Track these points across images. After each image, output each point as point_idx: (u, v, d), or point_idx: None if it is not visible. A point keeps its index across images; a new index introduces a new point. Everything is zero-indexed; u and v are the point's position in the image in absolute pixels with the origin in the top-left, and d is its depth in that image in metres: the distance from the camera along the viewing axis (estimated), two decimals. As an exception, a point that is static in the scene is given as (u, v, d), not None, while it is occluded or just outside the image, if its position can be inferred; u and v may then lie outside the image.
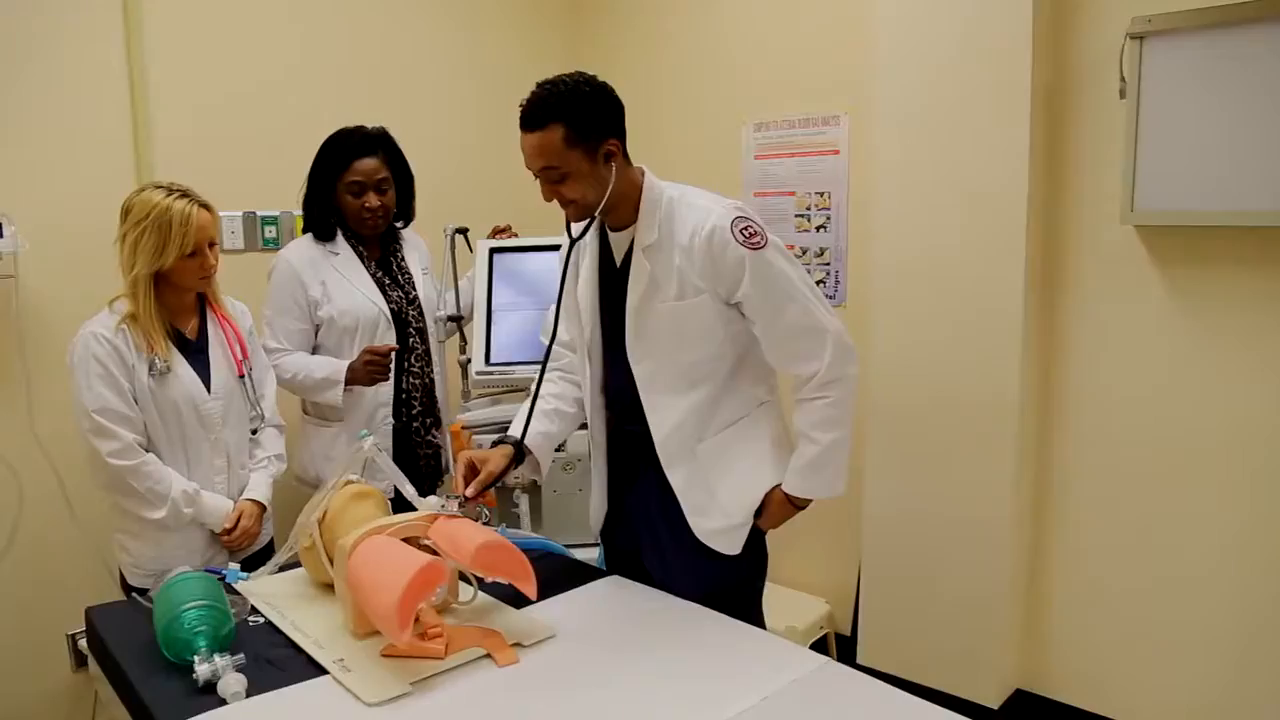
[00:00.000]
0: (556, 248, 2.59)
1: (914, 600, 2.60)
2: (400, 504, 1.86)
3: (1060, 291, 2.42)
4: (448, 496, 1.69)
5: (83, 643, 2.40)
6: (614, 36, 3.41)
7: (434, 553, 1.61)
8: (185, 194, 1.89)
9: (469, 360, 2.42)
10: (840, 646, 2.93)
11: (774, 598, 1.99)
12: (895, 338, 2.57)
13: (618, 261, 1.76)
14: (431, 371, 2.43)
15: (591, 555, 2.22)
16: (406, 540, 1.59)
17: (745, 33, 3.01)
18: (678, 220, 1.68)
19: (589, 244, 1.80)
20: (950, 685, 2.50)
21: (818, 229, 2.87)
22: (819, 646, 2.84)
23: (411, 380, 2.39)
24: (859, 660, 2.70)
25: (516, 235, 2.66)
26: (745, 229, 1.64)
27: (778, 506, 1.76)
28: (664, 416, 1.74)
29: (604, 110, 1.61)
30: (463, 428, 2.26)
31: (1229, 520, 2.20)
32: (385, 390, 2.33)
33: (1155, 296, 2.26)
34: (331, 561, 1.70)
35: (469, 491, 1.67)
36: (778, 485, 1.75)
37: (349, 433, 2.33)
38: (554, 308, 1.93)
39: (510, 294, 2.55)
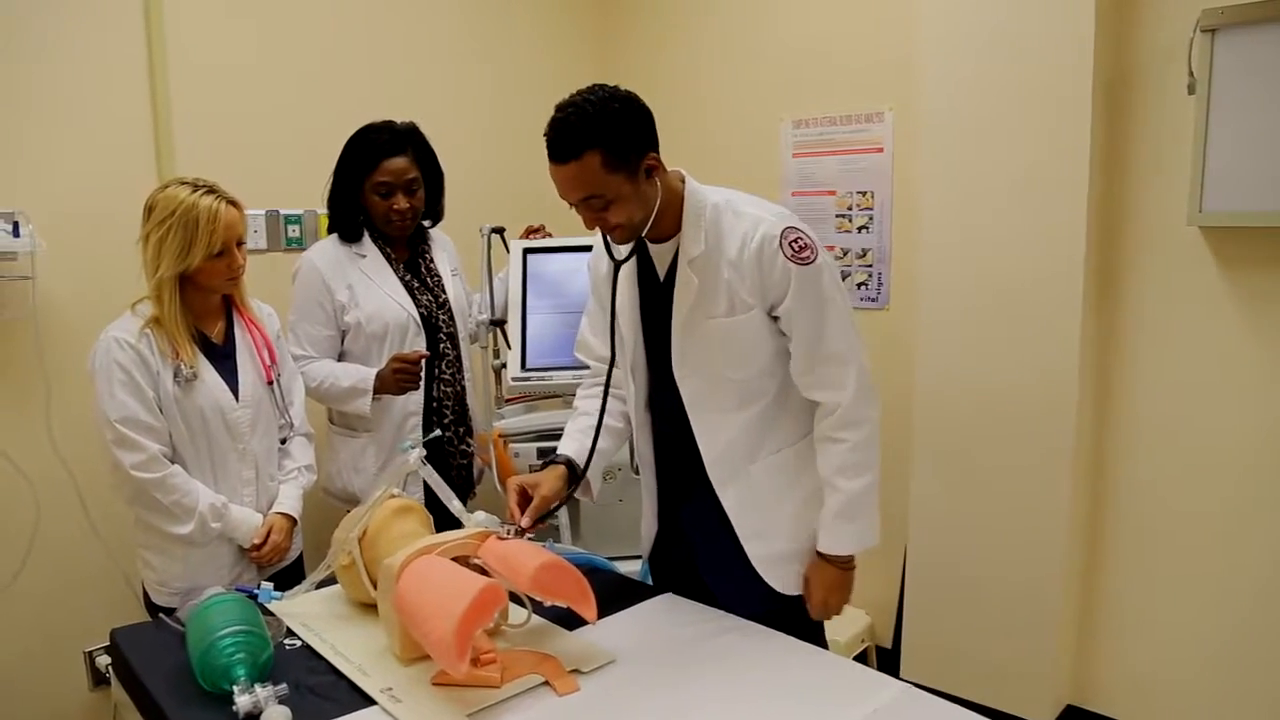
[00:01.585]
0: (588, 248, 2.53)
1: (961, 613, 2.52)
2: (439, 517, 1.77)
3: (1120, 296, 2.33)
4: (505, 526, 1.58)
5: (100, 660, 2.33)
6: (644, 30, 3.31)
7: (484, 572, 1.52)
8: (212, 190, 1.79)
9: (503, 365, 2.31)
10: (880, 660, 2.85)
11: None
12: (942, 342, 2.49)
13: (660, 275, 1.66)
14: (463, 378, 2.33)
15: (634, 568, 2.13)
16: (455, 560, 1.50)
17: (782, 26, 2.92)
18: (725, 230, 1.58)
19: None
20: (999, 701, 2.42)
21: (859, 229, 2.78)
22: (859, 660, 2.76)
23: (443, 388, 2.29)
24: (902, 675, 2.62)
25: (550, 235, 2.57)
26: (795, 241, 1.56)
27: (818, 576, 1.65)
28: (714, 436, 1.65)
29: (637, 125, 1.50)
30: (500, 436, 2.16)
31: (1298, 535, 2.11)
32: (415, 399, 2.23)
33: (1221, 302, 2.17)
34: (373, 581, 1.61)
35: (524, 522, 1.57)
36: (810, 563, 1.66)
37: (378, 443, 2.23)
38: (585, 320, 1.85)
39: (545, 296, 2.45)
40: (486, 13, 3.09)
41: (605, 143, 1.44)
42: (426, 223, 2.34)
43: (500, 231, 2.29)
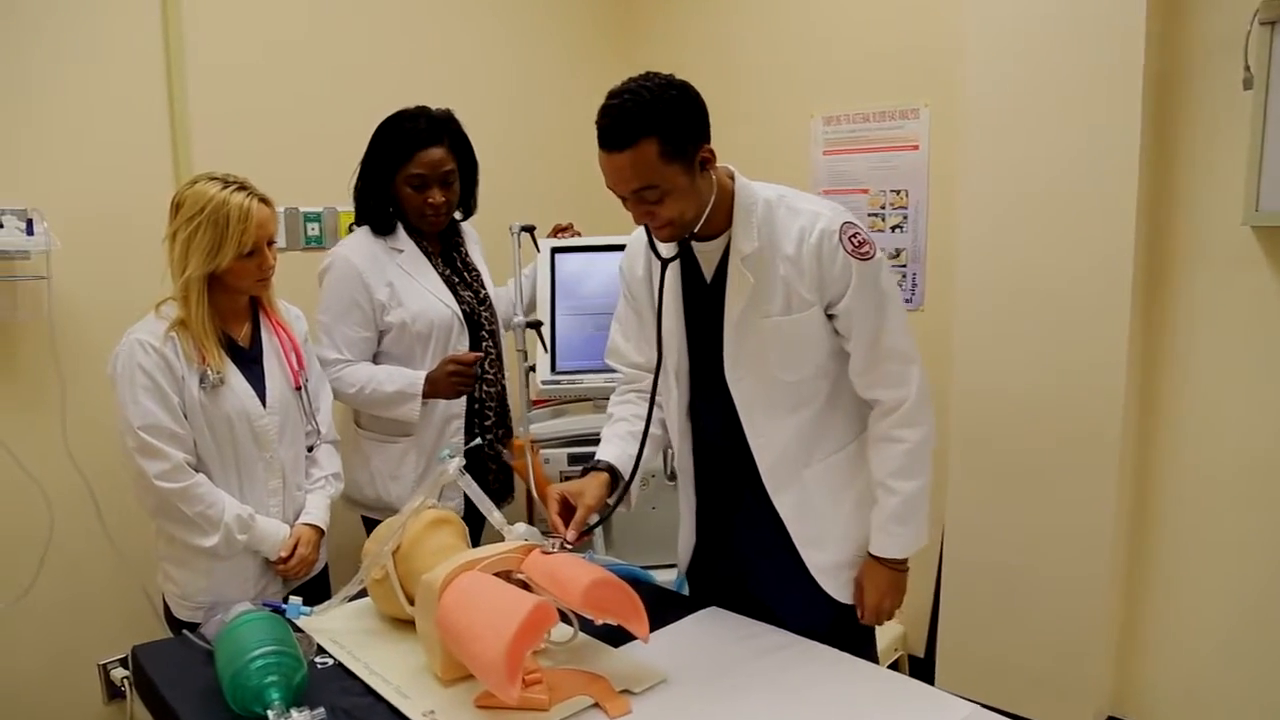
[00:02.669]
0: (618, 248, 2.45)
1: (998, 621, 2.46)
2: (473, 529, 1.70)
3: (1168, 297, 2.26)
4: (550, 539, 1.50)
5: (115, 673, 2.26)
6: (668, 24, 3.24)
7: (527, 588, 1.45)
8: (243, 186, 1.71)
9: (532, 368, 2.23)
10: (913, 669, 2.78)
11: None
12: (980, 345, 2.42)
13: (707, 275, 1.59)
14: (503, 378, 2.24)
15: (667, 578, 2.07)
16: (498, 575, 1.43)
17: (813, 19, 2.85)
18: (779, 226, 1.52)
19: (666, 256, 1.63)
20: (1037, 712, 2.37)
21: (893, 229, 2.71)
22: (892, 669, 2.69)
23: (486, 389, 2.17)
24: (936, 684, 2.55)
25: (579, 234, 2.49)
26: (854, 236, 1.52)
27: (873, 579, 1.60)
28: (769, 441, 1.59)
29: (694, 113, 1.44)
30: (531, 441, 2.09)
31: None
32: (459, 401, 2.12)
33: (1275, 304, 2.10)
34: (408, 596, 1.54)
35: (570, 536, 1.49)
36: (862, 567, 1.62)
37: (419, 449, 2.11)
38: (616, 326, 1.78)
39: (573, 297, 2.38)
40: (507, 6, 3.02)
41: (662, 131, 1.38)
42: (458, 214, 2.23)
43: (530, 230, 2.20)
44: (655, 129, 1.38)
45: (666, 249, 1.57)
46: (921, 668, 2.72)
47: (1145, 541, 2.37)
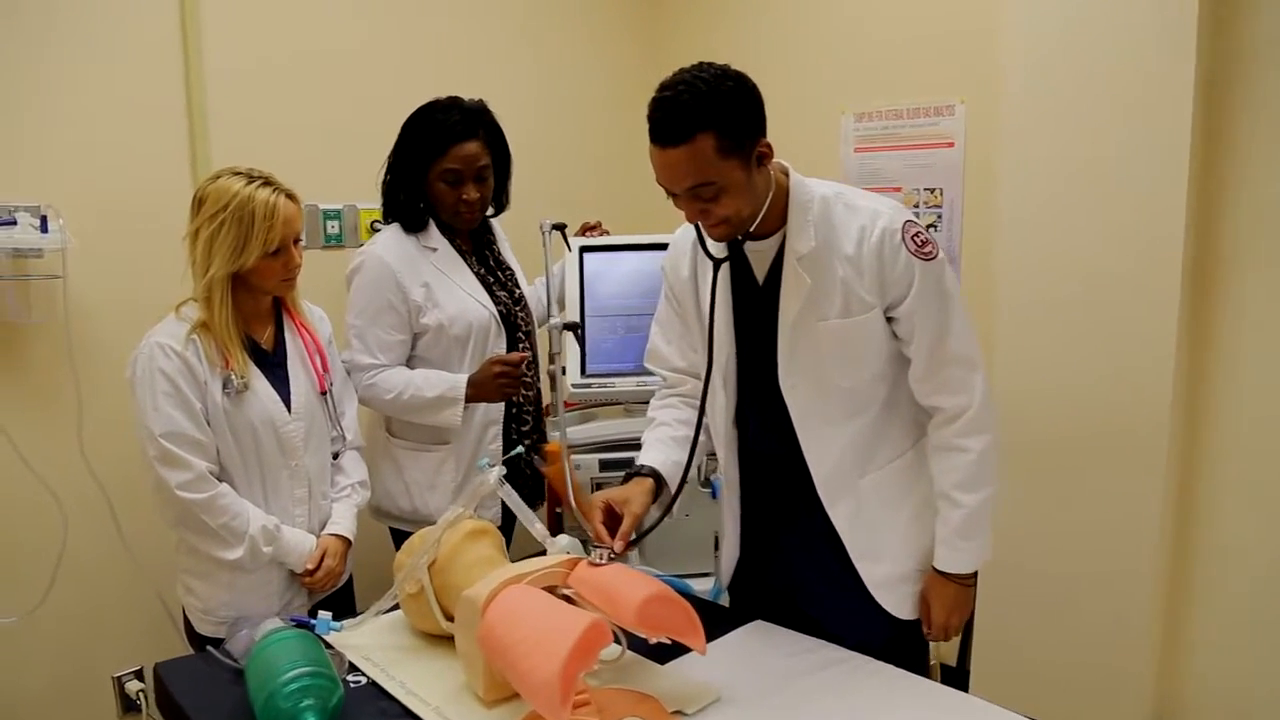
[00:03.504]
0: (651, 246, 2.39)
1: (1037, 628, 2.39)
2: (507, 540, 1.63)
3: (1219, 296, 2.18)
4: (596, 550, 1.43)
5: (130, 685, 2.19)
6: (694, 18, 3.17)
7: (571, 602, 1.38)
8: (268, 182, 1.64)
9: (561, 370, 2.16)
10: (945, 677, 2.71)
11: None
12: (1020, 345, 2.35)
13: (759, 277, 1.52)
14: (538, 382, 2.16)
15: (702, 587, 2.00)
16: (544, 590, 1.36)
17: (842, 11, 2.78)
18: (837, 224, 1.45)
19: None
20: (1076, 720, 2.29)
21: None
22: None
23: (524, 393, 2.09)
24: (971, 692, 2.49)
25: (607, 233, 2.42)
26: (917, 235, 1.46)
27: (940, 596, 1.54)
28: (824, 449, 1.52)
29: (752, 107, 1.37)
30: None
31: None
32: (497, 406, 2.04)
33: (1331, 303, 2.04)
34: (446, 612, 1.47)
35: (617, 546, 1.42)
36: (928, 582, 1.56)
37: (457, 456, 2.03)
38: (657, 329, 1.70)
39: (602, 297, 2.31)
40: (530, 1, 2.95)
41: (719, 124, 1.31)
42: (489, 211, 2.15)
43: (561, 228, 2.13)
44: (712, 123, 1.30)
45: (718, 249, 1.49)
46: (954, 676, 2.65)
47: (1190, 543, 2.29)
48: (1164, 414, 2.17)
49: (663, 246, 2.42)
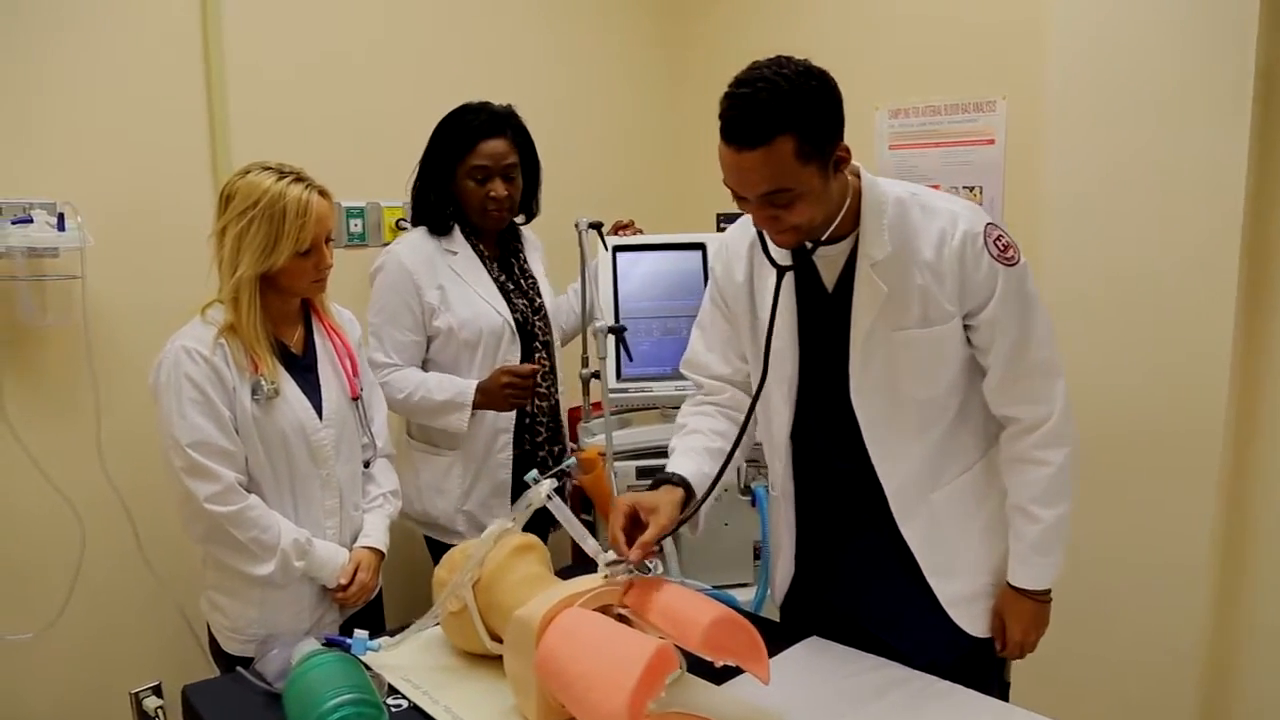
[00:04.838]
0: (685, 246, 2.33)
1: (1082, 640, 2.31)
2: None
3: (1275, 300, 2.11)
4: (619, 564, 1.33)
5: (148, 702, 2.10)
6: (725, 8, 3.08)
7: (626, 622, 1.31)
8: (300, 177, 1.57)
9: (594, 374, 2.09)
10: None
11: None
12: (1061, 351, 2.27)
13: (829, 283, 1.43)
14: (557, 391, 2.13)
15: (746, 598, 1.94)
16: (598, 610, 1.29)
17: (877, 7, 2.70)
18: (914, 228, 1.37)
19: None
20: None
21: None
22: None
23: (538, 402, 2.07)
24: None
25: (641, 231, 2.35)
26: (999, 239, 1.38)
27: (1016, 613, 1.47)
28: (896, 464, 1.44)
29: (835, 109, 1.27)
30: (599, 454, 1.94)
31: None
32: (507, 414, 2.02)
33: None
34: (491, 632, 1.40)
35: (634, 556, 1.31)
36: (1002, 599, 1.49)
37: (464, 462, 2.03)
38: (698, 334, 1.62)
39: (636, 298, 2.24)
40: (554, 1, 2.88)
41: (801, 127, 1.21)
42: (519, 219, 2.13)
43: (598, 227, 2.07)
44: (793, 125, 1.20)
45: (782, 255, 1.41)
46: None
47: (1242, 553, 2.22)
48: (1217, 420, 2.10)
49: (696, 246, 2.37)
